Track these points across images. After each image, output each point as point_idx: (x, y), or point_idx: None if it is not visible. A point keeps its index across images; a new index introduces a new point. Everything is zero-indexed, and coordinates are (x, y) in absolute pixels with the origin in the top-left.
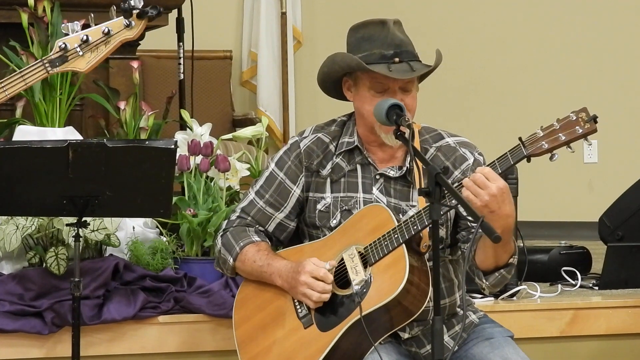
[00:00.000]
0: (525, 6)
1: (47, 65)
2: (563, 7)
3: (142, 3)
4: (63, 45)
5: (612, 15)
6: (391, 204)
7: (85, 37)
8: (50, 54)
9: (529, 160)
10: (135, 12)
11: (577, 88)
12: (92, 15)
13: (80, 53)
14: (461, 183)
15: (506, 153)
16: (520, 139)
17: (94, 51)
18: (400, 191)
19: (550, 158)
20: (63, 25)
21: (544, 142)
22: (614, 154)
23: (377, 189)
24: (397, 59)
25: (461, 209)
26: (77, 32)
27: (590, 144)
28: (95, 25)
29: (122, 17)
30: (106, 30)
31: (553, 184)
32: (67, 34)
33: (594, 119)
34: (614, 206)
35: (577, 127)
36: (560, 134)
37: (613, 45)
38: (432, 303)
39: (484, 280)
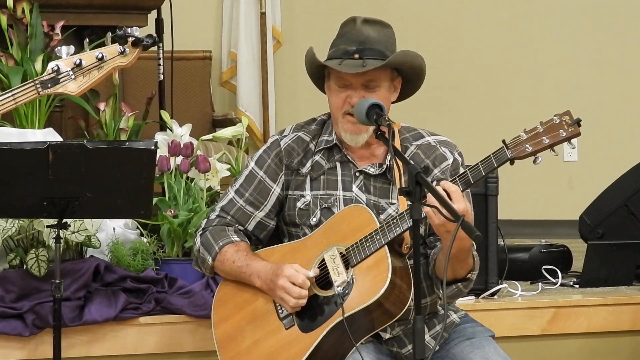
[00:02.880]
0: (508, 6)
1: (38, 86)
2: (545, 8)
3: (138, 32)
4: (56, 68)
5: (594, 16)
6: (371, 202)
7: (78, 61)
8: (43, 75)
9: (512, 163)
10: (130, 40)
11: (558, 87)
12: (87, 40)
13: (73, 77)
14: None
15: (489, 156)
16: (503, 141)
17: (86, 75)
18: (380, 189)
19: (534, 161)
20: (57, 48)
21: (527, 145)
22: (594, 152)
23: (357, 187)
24: (356, 55)
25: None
26: (71, 55)
27: (573, 147)
28: (90, 50)
29: (117, 44)
30: (100, 55)
31: (533, 182)
32: (60, 57)
33: (578, 123)
34: (594, 204)
35: (560, 130)
36: (544, 137)
37: (594, 44)
38: (414, 302)
39: (441, 291)
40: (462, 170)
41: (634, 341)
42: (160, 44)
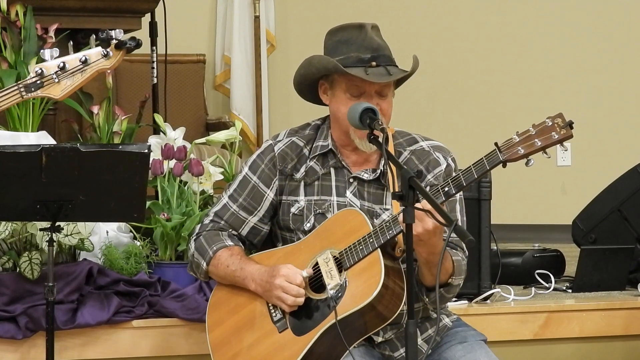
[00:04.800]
0: (498, 10)
1: (22, 90)
2: (537, 11)
3: (121, 34)
4: (40, 71)
5: (586, 20)
6: (365, 207)
7: (62, 64)
8: (27, 78)
9: (504, 166)
10: (113, 42)
11: (551, 91)
12: (72, 42)
13: (57, 80)
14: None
15: (482, 158)
16: (496, 144)
17: (70, 79)
18: (374, 194)
19: (526, 164)
20: (41, 51)
21: (520, 148)
22: (587, 157)
23: (351, 192)
24: (374, 63)
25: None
26: (55, 58)
27: (565, 149)
28: (74, 53)
29: (100, 46)
30: (83, 58)
31: (526, 187)
32: (44, 60)
33: (570, 125)
34: (587, 209)
35: (553, 132)
36: (536, 140)
37: (587, 48)
38: (406, 306)
39: (424, 296)
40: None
41: (626, 346)
42: (154, 47)
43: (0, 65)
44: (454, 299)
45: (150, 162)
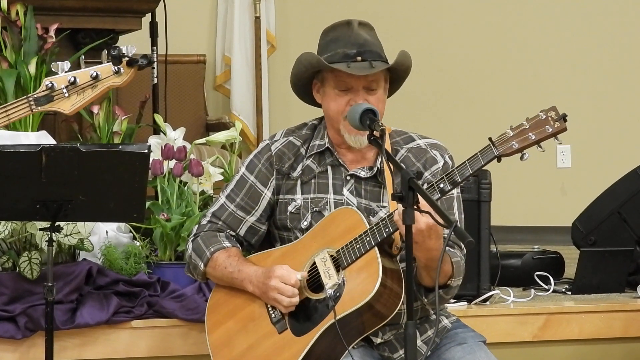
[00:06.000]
0: (496, 9)
1: (32, 103)
2: (534, 11)
3: (134, 50)
4: (50, 85)
5: (584, 20)
6: (362, 205)
7: (72, 79)
8: (37, 91)
9: (499, 160)
10: (125, 59)
11: (551, 92)
12: (83, 56)
13: (66, 94)
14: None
15: (476, 154)
16: (490, 139)
17: (80, 94)
18: (371, 192)
19: (521, 158)
20: (53, 64)
21: (514, 142)
22: (587, 158)
23: (348, 190)
24: (359, 58)
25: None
26: (65, 71)
27: (560, 143)
28: (86, 67)
29: (112, 63)
30: (94, 74)
31: (526, 188)
32: (56, 73)
33: (564, 118)
34: (586, 211)
35: (546, 126)
36: (530, 134)
37: (585, 49)
38: (405, 306)
39: (423, 297)
40: None
41: (625, 348)
42: (154, 48)
43: (1, 64)
44: (453, 301)
45: (150, 162)
